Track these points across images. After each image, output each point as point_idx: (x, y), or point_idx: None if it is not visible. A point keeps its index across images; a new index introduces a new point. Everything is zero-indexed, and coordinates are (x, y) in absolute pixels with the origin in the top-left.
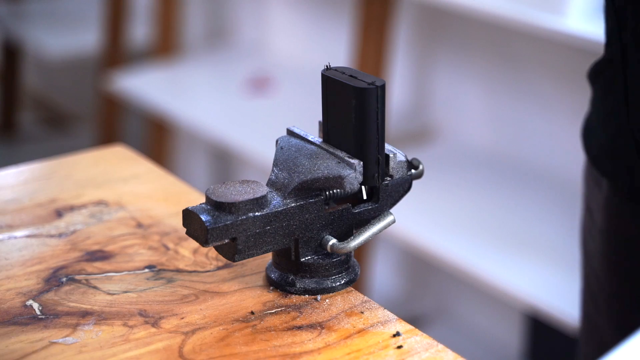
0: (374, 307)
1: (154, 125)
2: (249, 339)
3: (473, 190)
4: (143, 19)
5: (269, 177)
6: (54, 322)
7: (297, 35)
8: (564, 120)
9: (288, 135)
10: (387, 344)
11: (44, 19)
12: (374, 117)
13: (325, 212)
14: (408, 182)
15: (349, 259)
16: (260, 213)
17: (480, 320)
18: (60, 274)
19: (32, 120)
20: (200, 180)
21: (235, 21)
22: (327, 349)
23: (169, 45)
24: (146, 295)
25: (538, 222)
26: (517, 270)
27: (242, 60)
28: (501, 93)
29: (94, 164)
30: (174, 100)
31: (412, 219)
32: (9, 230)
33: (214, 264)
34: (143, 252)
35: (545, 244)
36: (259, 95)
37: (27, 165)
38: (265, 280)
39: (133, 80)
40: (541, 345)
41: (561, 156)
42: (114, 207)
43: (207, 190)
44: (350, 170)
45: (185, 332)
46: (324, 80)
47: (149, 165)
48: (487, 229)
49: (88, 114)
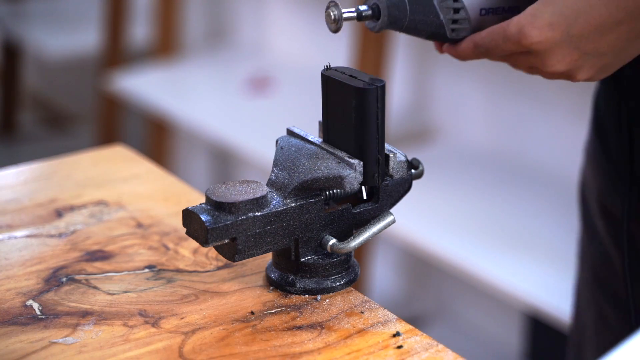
0: (374, 307)
1: (154, 125)
2: (249, 339)
3: (473, 190)
4: (143, 19)
5: (269, 177)
6: (54, 322)
7: (297, 35)
8: (564, 121)
9: (288, 135)
10: (387, 344)
11: (44, 19)
12: (374, 117)
13: (325, 212)
14: (408, 182)
15: (349, 259)
16: (260, 213)
17: (480, 320)
18: (60, 274)
19: (32, 120)
20: (200, 180)
21: (235, 21)
22: (327, 349)
23: (169, 45)
24: (146, 295)
25: (538, 222)
26: (517, 270)
27: (242, 60)
28: (501, 93)
29: (94, 164)
30: (174, 100)
31: (412, 219)
32: (9, 230)
33: (214, 264)
34: (143, 252)
35: (545, 244)
36: (259, 95)
37: (27, 165)
38: (265, 280)
39: (133, 80)
40: (541, 345)
41: (561, 156)
42: (114, 207)
43: (207, 190)
44: (350, 170)
45: (185, 332)
46: (324, 80)
47: (149, 165)
48: (487, 229)
49: (88, 114)
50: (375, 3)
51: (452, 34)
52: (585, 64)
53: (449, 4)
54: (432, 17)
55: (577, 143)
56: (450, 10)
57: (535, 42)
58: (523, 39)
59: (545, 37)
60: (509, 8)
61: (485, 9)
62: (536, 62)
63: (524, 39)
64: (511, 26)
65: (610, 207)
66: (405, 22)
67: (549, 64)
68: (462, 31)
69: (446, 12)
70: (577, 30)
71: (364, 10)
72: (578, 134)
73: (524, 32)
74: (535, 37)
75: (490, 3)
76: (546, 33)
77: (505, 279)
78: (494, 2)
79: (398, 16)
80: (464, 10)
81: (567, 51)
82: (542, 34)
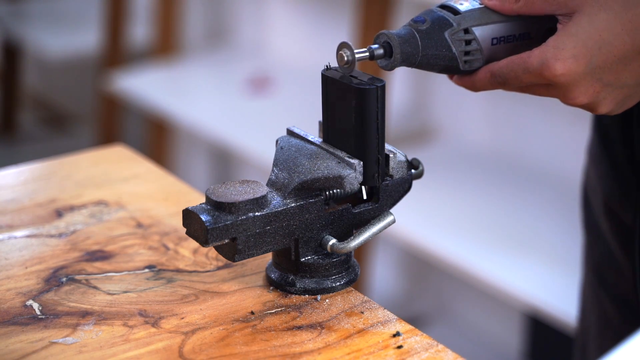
0: (374, 307)
1: (154, 125)
2: (249, 339)
3: (473, 190)
4: (143, 19)
5: (269, 177)
6: (54, 322)
7: (297, 35)
8: (564, 121)
9: (288, 135)
10: (387, 344)
11: (44, 19)
12: (374, 117)
13: (325, 212)
14: (408, 182)
15: (349, 259)
16: (260, 213)
17: (480, 320)
18: (60, 274)
19: (32, 120)
20: (200, 180)
21: (235, 21)
22: (327, 349)
23: (169, 45)
24: (146, 295)
25: (538, 222)
26: (517, 270)
27: (242, 60)
28: (501, 93)
29: (94, 164)
30: (174, 100)
31: (412, 219)
32: (9, 230)
33: (214, 264)
34: (143, 252)
35: (545, 244)
36: (259, 95)
37: (27, 165)
38: (265, 280)
39: (133, 80)
40: (541, 345)
41: (561, 156)
42: (114, 207)
43: (207, 190)
44: (350, 170)
45: (185, 332)
46: (324, 80)
47: (149, 165)
48: (487, 229)
49: (88, 114)
50: (387, 41)
51: (465, 66)
52: (608, 96)
53: (460, 36)
54: (445, 50)
55: (577, 143)
56: (462, 42)
57: (559, 75)
58: (546, 71)
59: (569, 70)
60: (520, 35)
61: (496, 38)
62: (557, 94)
63: (547, 71)
64: (532, 58)
65: (616, 209)
66: (418, 58)
67: (570, 97)
68: (475, 62)
69: (458, 45)
70: (600, 62)
71: (376, 49)
72: (578, 134)
73: (547, 64)
74: (559, 69)
75: (501, 32)
76: (569, 65)
77: (505, 279)
78: (505, 31)
79: (410, 52)
80: (476, 41)
81: (589, 83)
82: (565, 66)
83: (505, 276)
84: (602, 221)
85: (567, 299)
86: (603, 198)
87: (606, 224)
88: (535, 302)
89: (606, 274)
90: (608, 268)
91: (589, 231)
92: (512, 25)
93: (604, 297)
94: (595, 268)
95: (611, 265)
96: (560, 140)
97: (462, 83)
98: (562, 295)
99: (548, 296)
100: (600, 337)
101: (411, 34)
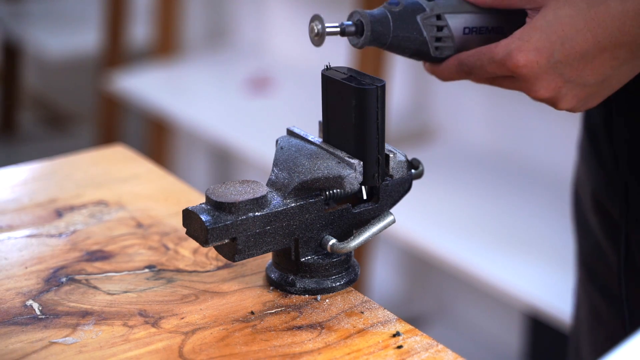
0: (374, 307)
1: (154, 125)
2: (249, 339)
3: (473, 190)
4: (143, 19)
5: (269, 177)
6: (54, 322)
7: (297, 35)
8: (564, 121)
9: (288, 135)
10: (387, 344)
11: (44, 19)
12: (374, 117)
13: (325, 212)
14: (408, 182)
15: (349, 259)
16: (260, 213)
17: (480, 320)
18: (60, 274)
19: (32, 120)
20: (200, 180)
21: (235, 21)
22: (327, 349)
23: (169, 45)
24: (146, 295)
25: (538, 222)
26: (516, 270)
27: (242, 60)
28: (501, 93)
29: (94, 164)
30: (174, 100)
31: (412, 219)
32: (9, 230)
33: (214, 264)
34: (143, 252)
35: (544, 244)
36: (259, 95)
37: (27, 165)
38: (265, 280)
39: (133, 80)
40: (541, 345)
41: (561, 156)
42: (114, 207)
43: (207, 190)
44: (350, 170)
45: (185, 332)
46: (324, 80)
47: (149, 165)
48: (486, 229)
49: (88, 114)
50: (359, 19)
51: (435, 52)
52: (569, 92)
53: (432, 22)
54: (416, 34)
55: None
56: (433, 28)
57: (521, 66)
58: (509, 62)
59: (530, 62)
60: (493, 28)
61: (468, 28)
62: (521, 87)
63: (510, 62)
64: (499, 48)
65: (604, 204)
66: (388, 39)
67: (533, 89)
68: (446, 50)
69: (430, 30)
70: (562, 56)
71: (347, 25)
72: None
73: (510, 55)
74: (522, 61)
75: (474, 22)
76: (532, 57)
77: (505, 279)
78: (477, 22)
79: (381, 32)
80: (448, 28)
81: (551, 77)
82: (527, 58)
83: (505, 276)
84: (590, 216)
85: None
86: (591, 193)
87: (594, 219)
88: (535, 302)
89: (595, 268)
90: (597, 262)
91: (579, 226)
92: (485, 17)
93: (593, 292)
94: (585, 262)
95: (600, 259)
96: (560, 141)
97: (432, 70)
98: (562, 295)
99: (548, 296)
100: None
101: (384, 14)
